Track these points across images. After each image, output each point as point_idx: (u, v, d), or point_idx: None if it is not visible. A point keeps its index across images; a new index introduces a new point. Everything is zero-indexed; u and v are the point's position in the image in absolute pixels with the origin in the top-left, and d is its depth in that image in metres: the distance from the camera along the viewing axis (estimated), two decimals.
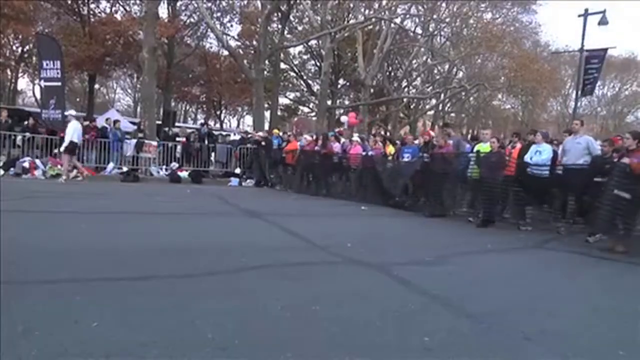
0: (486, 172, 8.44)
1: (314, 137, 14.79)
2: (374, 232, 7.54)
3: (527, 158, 8.30)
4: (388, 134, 23.72)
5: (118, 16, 26.80)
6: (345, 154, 12.53)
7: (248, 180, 15.62)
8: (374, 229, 7.99)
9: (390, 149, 12.37)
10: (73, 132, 12.50)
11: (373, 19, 24.88)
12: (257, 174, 15.46)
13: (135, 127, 17.88)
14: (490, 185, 8.30)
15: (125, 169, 14.58)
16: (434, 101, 31.70)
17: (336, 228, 7.70)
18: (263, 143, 15.79)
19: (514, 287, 4.44)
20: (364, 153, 12.03)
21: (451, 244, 6.52)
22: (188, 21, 29.35)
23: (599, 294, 4.42)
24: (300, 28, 31.54)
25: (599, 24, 16.85)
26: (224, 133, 22.77)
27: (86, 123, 16.01)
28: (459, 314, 3.51)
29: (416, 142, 11.49)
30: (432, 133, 10.28)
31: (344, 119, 20.87)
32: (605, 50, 18.34)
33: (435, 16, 26.23)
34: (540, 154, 8.21)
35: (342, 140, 13.96)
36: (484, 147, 8.98)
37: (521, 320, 3.43)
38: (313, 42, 29.49)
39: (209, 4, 27.16)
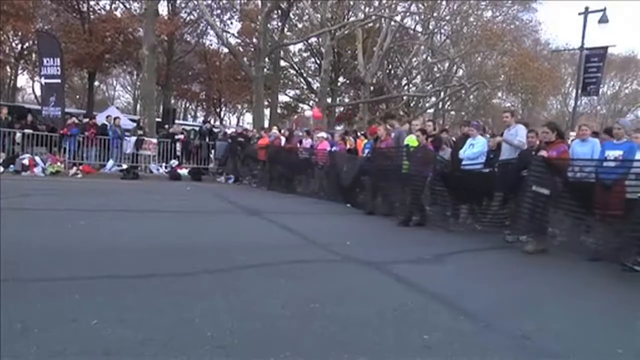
0: (413, 167, 7.85)
1: (282, 131, 14.33)
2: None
3: (461, 153, 7.74)
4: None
5: (118, 13, 26.73)
6: (313, 150, 12.05)
7: (222, 177, 15.08)
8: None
9: (350, 143, 11.58)
10: None
11: (373, 17, 24.83)
12: (231, 169, 14.91)
13: (135, 124, 17.86)
14: (417, 181, 7.69)
15: (125, 166, 14.57)
16: (433, 99, 31.61)
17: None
18: (240, 139, 15.43)
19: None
20: (329, 149, 11.49)
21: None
22: (188, 18, 29.27)
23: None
24: (300, 26, 31.47)
25: (599, 22, 16.81)
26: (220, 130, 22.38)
27: (86, 120, 16.02)
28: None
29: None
30: (380, 129, 9.36)
31: (308, 113, 20.19)
32: (606, 48, 18.30)
33: (435, 14, 26.17)
34: (473, 147, 7.60)
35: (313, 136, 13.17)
36: (411, 140, 8.28)
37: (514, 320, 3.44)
38: (313, 40, 29.40)
39: (209, 1, 27.08)
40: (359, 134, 13.07)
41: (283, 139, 13.53)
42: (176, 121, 22.62)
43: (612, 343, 3.13)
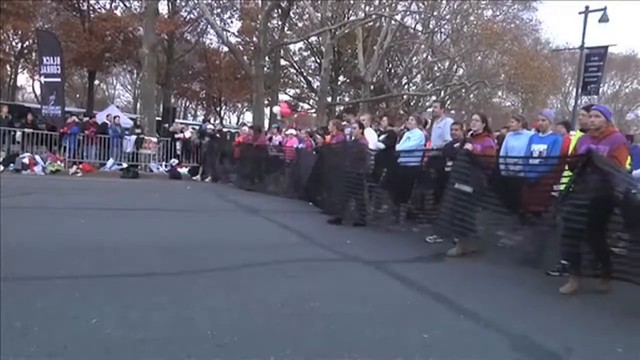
0: (348, 163, 7.34)
1: (252, 128, 13.92)
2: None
3: (398, 146, 7.32)
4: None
5: (118, 12, 26.70)
6: (281, 147, 11.61)
7: (198, 176, 14.47)
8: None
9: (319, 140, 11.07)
10: None
11: (373, 16, 24.81)
12: (209, 167, 14.34)
13: (133, 122, 17.84)
14: (353, 178, 7.13)
15: (125, 165, 14.57)
16: (434, 98, 31.58)
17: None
18: (217, 135, 15.22)
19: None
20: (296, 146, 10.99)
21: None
22: (188, 17, 29.24)
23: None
24: (300, 24, 31.44)
25: (600, 21, 16.81)
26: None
27: (86, 119, 16.01)
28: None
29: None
30: (330, 124, 8.75)
31: (276, 109, 19.36)
32: (606, 47, 18.28)
33: (435, 13, 26.14)
34: (409, 140, 7.11)
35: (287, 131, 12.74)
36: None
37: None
38: (313, 39, 29.38)
39: (209, 0, 27.07)
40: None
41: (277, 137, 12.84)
42: (176, 120, 22.59)
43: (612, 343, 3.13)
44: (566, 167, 4.65)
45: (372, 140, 7.74)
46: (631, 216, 4.00)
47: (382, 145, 7.47)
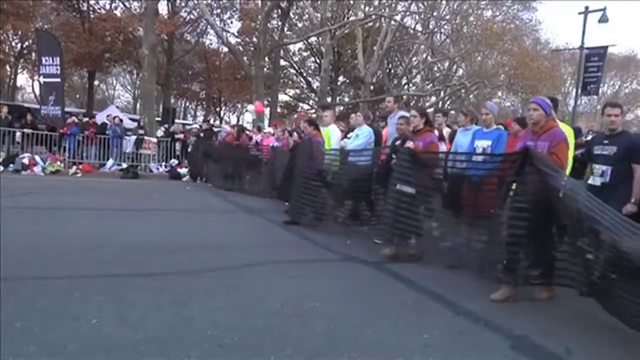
0: (299, 162, 7.09)
1: (234, 127, 13.77)
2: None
3: (348, 144, 6.97)
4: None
5: (118, 12, 26.72)
6: (259, 146, 11.38)
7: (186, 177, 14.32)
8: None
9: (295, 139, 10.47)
10: None
11: (373, 16, 24.81)
12: (195, 167, 14.11)
13: (135, 123, 17.82)
14: (306, 177, 6.80)
15: (124, 165, 14.57)
16: (433, 98, 31.59)
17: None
18: (202, 134, 15.10)
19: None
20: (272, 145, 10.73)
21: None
22: (188, 18, 29.26)
23: None
24: (300, 25, 31.44)
25: (599, 21, 16.81)
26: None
27: (86, 119, 16.00)
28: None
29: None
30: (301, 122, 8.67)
31: (250, 107, 19.03)
32: (606, 48, 18.30)
33: (435, 13, 26.15)
34: (357, 138, 6.80)
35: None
36: (326, 132, 7.42)
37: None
38: (313, 39, 29.38)
39: (209, 1, 27.06)
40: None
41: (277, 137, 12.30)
42: (176, 120, 22.58)
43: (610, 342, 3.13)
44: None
45: (335, 138, 7.36)
46: (566, 220, 3.65)
47: (350, 144, 6.99)
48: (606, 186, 4.32)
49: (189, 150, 15.18)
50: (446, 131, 6.95)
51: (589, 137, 6.44)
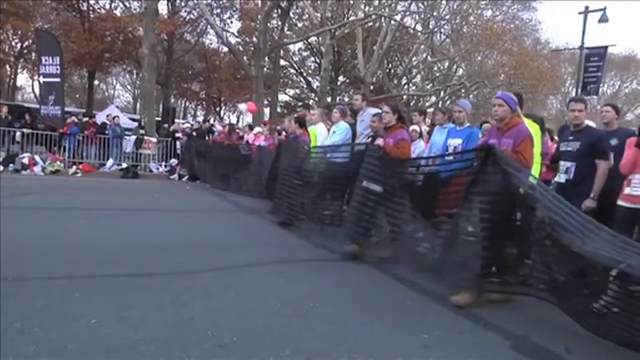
0: (284, 161, 6.98)
1: (225, 127, 13.69)
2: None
3: (327, 141, 6.85)
4: None
5: (117, 12, 26.73)
6: (249, 146, 11.33)
7: (175, 175, 14.21)
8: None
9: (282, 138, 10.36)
10: None
11: (373, 16, 24.81)
12: (187, 166, 14.01)
13: (136, 123, 17.80)
14: (291, 177, 6.67)
15: (124, 165, 14.56)
16: (433, 98, 31.58)
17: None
18: (194, 134, 15.03)
19: None
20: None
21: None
22: (188, 17, 29.27)
23: None
24: (300, 25, 31.44)
25: (599, 21, 16.82)
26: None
27: (85, 119, 15.99)
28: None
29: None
30: (286, 121, 8.39)
31: (242, 107, 18.74)
32: (606, 48, 18.29)
33: (435, 13, 26.16)
34: (335, 134, 6.67)
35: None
36: (312, 131, 7.26)
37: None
38: (313, 39, 29.38)
39: (209, 0, 27.06)
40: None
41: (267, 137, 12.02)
42: (176, 120, 22.57)
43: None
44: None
45: (322, 137, 7.22)
46: (524, 222, 3.49)
47: (327, 141, 6.87)
48: (570, 183, 4.21)
49: (182, 149, 15.05)
50: (425, 129, 7.00)
51: None
